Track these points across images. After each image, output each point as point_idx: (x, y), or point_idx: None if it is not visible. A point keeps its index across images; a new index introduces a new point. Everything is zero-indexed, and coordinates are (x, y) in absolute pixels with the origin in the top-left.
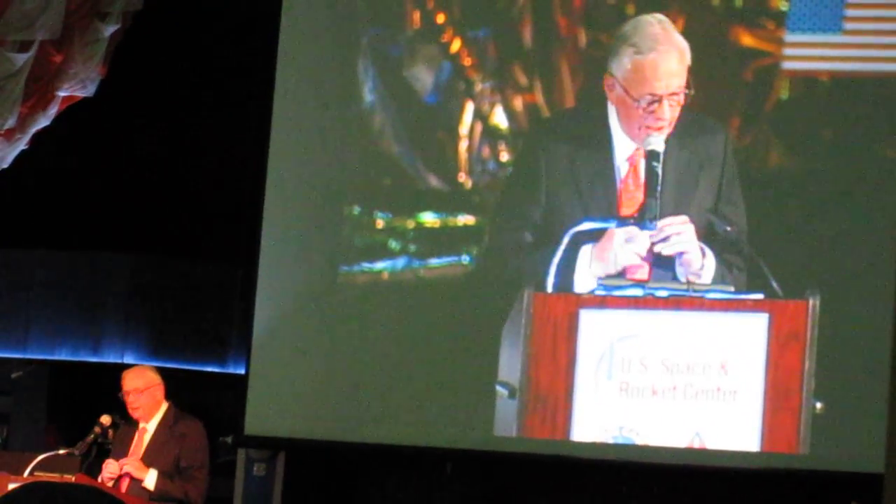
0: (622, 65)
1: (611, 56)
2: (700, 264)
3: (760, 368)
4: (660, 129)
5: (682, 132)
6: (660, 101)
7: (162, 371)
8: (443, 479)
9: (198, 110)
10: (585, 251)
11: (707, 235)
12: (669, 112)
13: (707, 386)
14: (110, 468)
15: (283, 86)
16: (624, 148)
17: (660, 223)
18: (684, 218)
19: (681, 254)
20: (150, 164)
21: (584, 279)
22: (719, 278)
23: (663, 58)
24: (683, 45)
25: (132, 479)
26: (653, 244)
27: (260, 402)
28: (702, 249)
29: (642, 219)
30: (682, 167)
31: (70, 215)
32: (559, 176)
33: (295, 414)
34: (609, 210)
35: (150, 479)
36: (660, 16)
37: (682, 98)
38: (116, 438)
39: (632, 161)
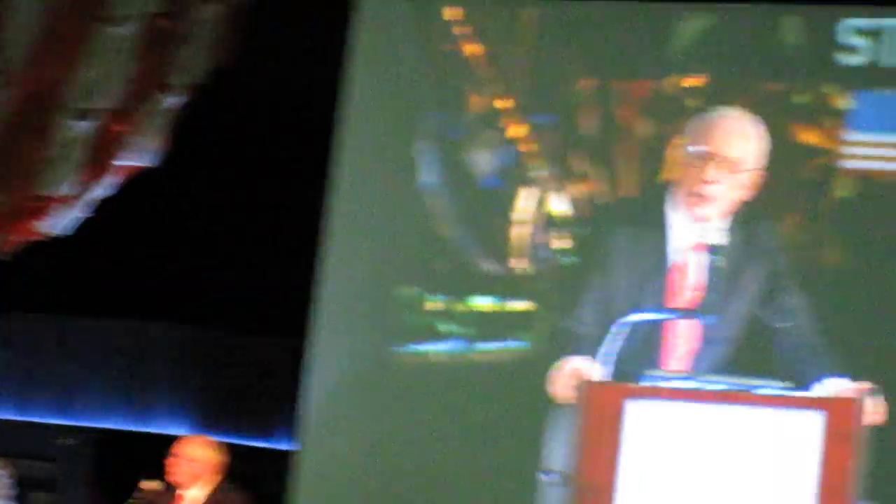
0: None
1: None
2: None
3: (813, 467)
4: (709, 193)
5: (733, 222)
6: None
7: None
8: None
9: (255, 183)
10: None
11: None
12: (717, 175)
13: (757, 483)
14: None
15: (342, 162)
16: (678, 237)
17: None
18: None
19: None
20: (204, 236)
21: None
22: (769, 374)
23: (734, 125)
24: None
25: None
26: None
27: (307, 481)
28: None
29: (702, 313)
30: (734, 258)
31: (121, 284)
32: (613, 266)
33: (342, 494)
34: (662, 301)
35: None
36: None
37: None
38: None
39: (684, 252)
